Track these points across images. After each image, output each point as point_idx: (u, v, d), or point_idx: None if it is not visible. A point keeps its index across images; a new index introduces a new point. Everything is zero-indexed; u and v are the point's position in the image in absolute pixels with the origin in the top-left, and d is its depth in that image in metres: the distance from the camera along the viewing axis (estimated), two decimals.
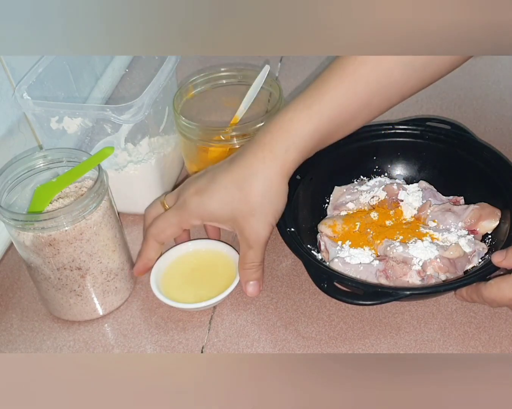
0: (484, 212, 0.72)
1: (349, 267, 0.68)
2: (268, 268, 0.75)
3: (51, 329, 0.71)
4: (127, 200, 0.81)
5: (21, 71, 0.79)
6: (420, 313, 0.68)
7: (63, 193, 0.68)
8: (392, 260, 0.68)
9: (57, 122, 0.77)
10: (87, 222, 0.64)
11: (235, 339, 0.68)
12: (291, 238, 0.68)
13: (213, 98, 0.84)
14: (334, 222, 0.74)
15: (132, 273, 0.73)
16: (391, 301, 0.63)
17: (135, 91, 0.87)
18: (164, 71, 0.78)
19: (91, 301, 0.69)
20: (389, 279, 0.67)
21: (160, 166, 0.81)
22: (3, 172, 0.67)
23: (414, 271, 0.67)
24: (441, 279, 0.67)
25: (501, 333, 0.66)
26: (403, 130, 0.79)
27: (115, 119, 0.73)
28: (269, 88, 0.81)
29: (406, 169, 0.80)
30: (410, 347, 0.65)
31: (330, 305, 0.69)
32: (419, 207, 0.75)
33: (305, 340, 0.67)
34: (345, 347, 0.66)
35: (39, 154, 0.69)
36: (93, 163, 0.67)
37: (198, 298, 0.69)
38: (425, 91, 0.97)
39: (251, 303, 0.71)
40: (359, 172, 0.80)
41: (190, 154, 0.80)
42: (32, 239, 0.63)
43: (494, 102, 0.95)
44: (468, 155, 0.76)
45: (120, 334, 0.70)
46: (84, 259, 0.66)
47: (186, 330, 0.69)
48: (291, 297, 0.71)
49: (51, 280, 0.67)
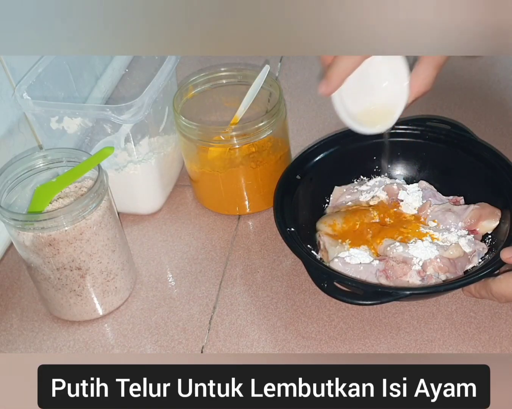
0: (484, 212, 0.72)
1: (349, 267, 0.68)
2: (268, 268, 0.75)
3: (51, 329, 0.71)
4: (127, 200, 0.81)
5: (21, 71, 0.79)
6: (420, 313, 0.68)
7: (63, 193, 0.68)
8: (392, 260, 0.68)
9: (57, 122, 0.77)
10: (87, 222, 0.64)
11: (235, 339, 0.68)
12: (291, 238, 0.68)
13: (213, 98, 0.84)
14: (333, 221, 0.74)
15: (132, 273, 0.73)
16: (391, 301, 0.63)
17: (135, 91, 0.87)
18: (164, 71, 0.78)
19: (91, 301, 0.69)
20: (389, 279, 0.67)
21: (160, 166, 0.81)
22: (3, 172, 0.67)
23: (414, 271, 0.67)
24: (441, 279, 0.67)
25: (501, 333, 0.66)
26: (403, 130, 0.78)
27: (115, 119, 0.73)
28: (269, 88, 0.81)
29: (406, 169, 0.80)
30: (410, 347, 0.65)
31: (330, 305, 0.69)
32: (419, 207, 0.75)
33: (305, 340, 0.67)
34: (345, 347, 0.66)
35: (39, 154, 0.69)
36: (93, 163, 0.67)
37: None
38: None
39: (251, 303, 0.71)
40: (359, 172, 0.80)
41: (190, 154, 0.80)
42: (32, 239, 0.63)
43: (494, 102, 0.95)
44: (468, 155, 0.76)
45: (120, 334, 0.70)
46: (84, 259, 0.66)
47: (186, 330, 0.69)
48: (291, 297, 0.71)
49: (51, 280, 0.67)
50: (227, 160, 0.77)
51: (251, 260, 0.76)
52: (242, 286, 0.73)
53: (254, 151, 0.77)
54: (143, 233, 0.81)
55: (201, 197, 0.84)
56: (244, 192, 0.80)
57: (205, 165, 0.79)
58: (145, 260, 0.77)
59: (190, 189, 0.86)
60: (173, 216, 0.83)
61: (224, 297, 0.72)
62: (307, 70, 1.05)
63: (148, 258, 0.78)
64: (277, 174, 0.76)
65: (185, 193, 0.86)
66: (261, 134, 0.75)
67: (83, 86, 0.90)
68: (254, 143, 0.76)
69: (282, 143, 0.80)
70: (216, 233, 0.80)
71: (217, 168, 0.78)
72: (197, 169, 0.80)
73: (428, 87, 0.65)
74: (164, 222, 0.82)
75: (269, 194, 0.74)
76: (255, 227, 0.80)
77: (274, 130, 0.76)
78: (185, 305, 0.72)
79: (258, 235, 0.79)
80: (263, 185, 0.79)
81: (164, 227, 0.81)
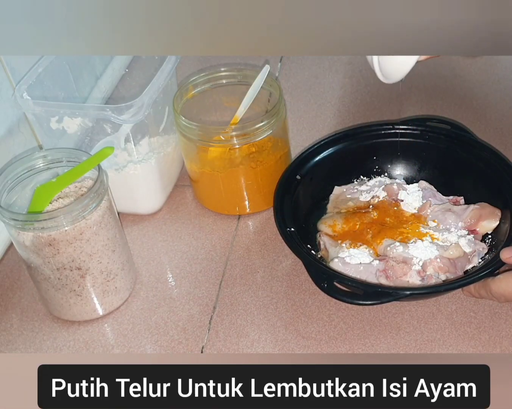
0: (484, 212, 0.72)
1: (349, 267, 0.68)
2: (268, 268, 0.75)
3: (51, 329, 0.71)
4: (127, 200, 0.81)
5: (21, 71, 0.79)
6: (420, 313, 0.68)
7: (63, 193, 0.68)
8: (392, 260, 0.68)
9: (57, 122, 0.77)
10: (87, 222, 0.64)
11: (235, 339, 0.68)
12: (291, 238, 0.68)
13: (213, 98, 0.84)
14: (334, 221, 0.74)
15: (132, 273, 0.73)
16: (391, 301, 0.63)
17: (135, 91, 0.87)
18: (164, 71, 0.78)
19: (91, 301, 0.69)
20: (389, 279, 0.67)
21: (160, 166, 0.81)
22: (3, 172, 0.67)
23: (414, 271, 0.67)
24: (441, 279, 0.67)
25: (501, 333, 0.66)
26: (403, 130, 0.79)
27: (115, 119, 0.73)
28: (269, 88, 0.81)
29: (406, 169, 0.80)
30: (410, 347, 0.65)
31: (330, 305, 0.69)
32: (419, 207, 0.75)
33: (305, 340, 0.67)
34: (345, 347, 0.66)
35: (39, 154, 0.69)
36: (93, 163, 0.67)
37: None
38: (425, 91, 0.98)
39: (251, 303, 0.71)
40: (359, 172, 0.81)
41: (190, 154, 0.80)
42: (32, 239, 0.63)
43: (494, 102, 0.95)
44: (468, 155, 0.76)
45: (120, 334, 0.70)
46: (84, 259, 0.66)
47: (186, 330, 0.69)
48: (291, 297, 0.71)
49: (51, 280, 0.67)
50: (227, 160, 0.77)
51: (251, 260, 0.76)
52: (242, 286, 0.73)
53: (254, 151, 0.77)
54: (143, 233, 0.81)
55: (201, 197, 0.84)
56: (244, 192, 0.80)
57: (205, 165, 0.79)
58: (145, 260, 0.77)
59: (190, 189, 0.86)
60: (173, 216, 0.83)
61: (224, 297, 0.72)
62: (307, 70, 1.05)
63: (148, 258, 0.78)
64: (277, 174, 0.76)
65: (185, 193, 0.86)
66: (261, 134, 0.75)
67: (83, 86, 0.90)
68: (254, 143, 0.76)
69: (282, 143, 0.80)
70: (216, 233, 0.80)
71: (217, 168, 0.78)
72: (197, 169, 0.80)
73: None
74: (164, 222, 0.82)
75: (269, 194, 0.74)
76: (255, 227, 0.80)
77: (274, 130, 0.76)
78: (185, 305, 0.72)
79: (258, 235, 0.79)
80: (263, 185, 0.79)
81: (164, 227, 0.81)
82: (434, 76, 1.00)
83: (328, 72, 1.04)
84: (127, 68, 0.99)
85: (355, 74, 1.03)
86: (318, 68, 1.06)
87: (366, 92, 0.99)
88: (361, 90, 1.00)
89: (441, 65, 1.02)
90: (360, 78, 1.02)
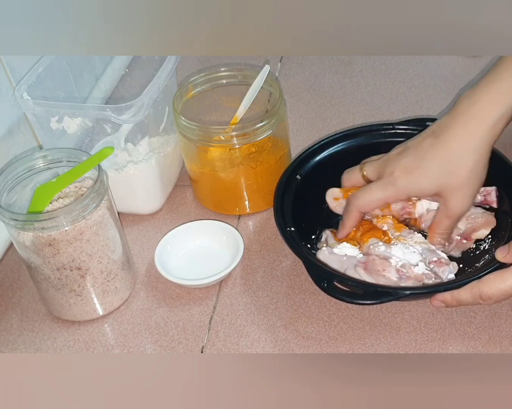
0: (479, 223, 0.71)
1: (334, 256, 0.68)
2: (268, 268, 0.75)
3: (51, 329, 0.71)
4: (127, 200, 0.81)
5: (21, 71, 0.79)
6: (420, 313, 0.68)
7: (63, 193, 0.68)
8: (375, 255, 0.68)
9: (57, 122, 0.77)
10: (87, 222, 0.64)
11: (235, 339, 0.68)
12: (291, 238, 0.68)
13: (213, 98, 0.84)
14: None
15: (132, 273, 0.73)
16: (391, 301, 0.63)
17: (135, 91, 0.87)
18: (164, 71, 0.78)
19: (91, 301, 0.69)
20: (367, 271, 0.66)
21: (160, 166, 0.81)
22: (3, 172, 0.67)
23: (393, 267, 0.66)
24: (441, 279, 0.67)
25: (501, 333, 0.66)
26: (403, 130, 0.78)
27: (115, 119, 0.73)
28: (269, 88, 0.81)
29: None
30: (410, 347, 0.65)
31: (330, 305, 0.69)
32: None
33: (305, 340, 0.67)
34: (345, 347, 0.66)
35: (39, 154, 0.69)
36: (93, 163, 0.67)
37: (203, 275, 0.72)
38: (425, 91, 0.98)
39: (251, 303, 0.71)
40: None
41: (190, 154, 0.80)
42: (32, 239, 0.63)
43: None
44: None
45: (120, 334, 0.70)
46: (84, 259, 0.66)
47: (186, 330, 0.69)
48: (291, 297, 0.71)
49: (51, 280, 0.67)
50: (227, 160, 0.77)
51: (251, 260, 0.76)
52: (242, 286, 0.73)
53: (254, 151, 0.77)
54: (143, 233, 0.81)
55: (201, 197, 0.84)
56: (244, 192, 0.80)
57: (205, 165, 0.79)
58: (145, 260, 0.77)
59: (190, 189, 0.86)
60: (173, 216, 0.83)
61: (224, 297, 0.72)
62: (307, 70, 1.05)
63: (148, 258, 0.78)
64: (277, 174, 0.76)
65: (185, 193, 0.86)
66: (261, 134, 0.75)
67: (83, 86, 0.90)
68: (254, 143, 0.76)
69: (282, 143, 0.80)
70: None
71: (217, 168, 0.78)
72: (197, 169, 0.80)
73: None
74: (164, 222, 0.82)
75: (269, 194, 0.74)
76: (255, 227, 0.80)
77: (274, 130, 0.76)
78: (185, 305, 0.72)
79: (258, 235, 0.79)
80: (263, 185, 0.79)
81: (164, 227, 0.81)
82: (434, 76, 1.00)
83: (328, 72, 1.04)
84: (127, 68, 0.99)
85: (355, 74, 1.03)
86: (318, 68, 1.06)
87: (366, 92, 0.99)
88: (361, 90, 1.00)
89: (441, 65, 1.02)
90: (360, 78, 1.02)
